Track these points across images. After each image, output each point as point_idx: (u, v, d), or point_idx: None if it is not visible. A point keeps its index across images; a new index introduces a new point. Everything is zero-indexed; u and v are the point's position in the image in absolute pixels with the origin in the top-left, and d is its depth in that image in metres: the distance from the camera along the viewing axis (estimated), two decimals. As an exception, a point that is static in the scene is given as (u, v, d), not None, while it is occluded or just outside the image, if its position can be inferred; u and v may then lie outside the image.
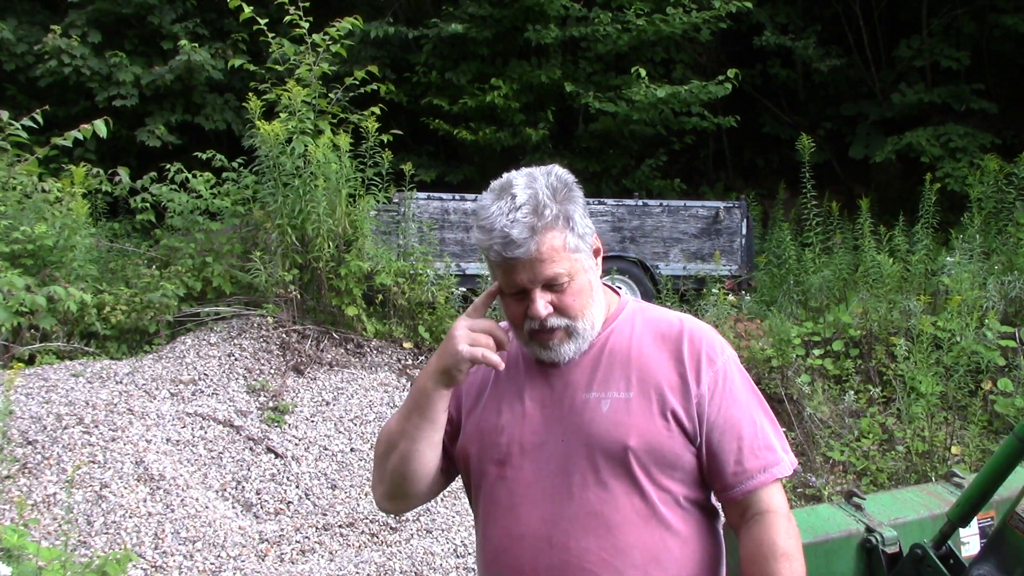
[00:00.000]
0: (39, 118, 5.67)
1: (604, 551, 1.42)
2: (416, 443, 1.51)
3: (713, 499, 1.55)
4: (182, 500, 4.03)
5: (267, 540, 4.01)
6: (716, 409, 1.47)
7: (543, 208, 1.42)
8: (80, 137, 5.72)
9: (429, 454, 1.54)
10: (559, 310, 1.47)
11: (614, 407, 1.47)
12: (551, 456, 1.48)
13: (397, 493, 1.58)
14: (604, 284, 1.63)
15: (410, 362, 5.84)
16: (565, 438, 1.48)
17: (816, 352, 5.67)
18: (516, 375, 1.57)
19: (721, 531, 1.57)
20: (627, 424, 1.45)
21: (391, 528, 4.25)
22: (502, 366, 1.47)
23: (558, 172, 1.49)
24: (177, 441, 4.51)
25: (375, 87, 6.80)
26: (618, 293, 1.64)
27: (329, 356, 5.70)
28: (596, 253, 1.54)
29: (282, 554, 3.95)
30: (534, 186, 1.45)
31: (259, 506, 4.26)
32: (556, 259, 1.44)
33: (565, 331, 1.49)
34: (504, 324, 1.62)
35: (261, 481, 4.42)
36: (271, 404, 5.08)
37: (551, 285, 1.45)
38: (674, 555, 1.45)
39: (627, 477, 1.44)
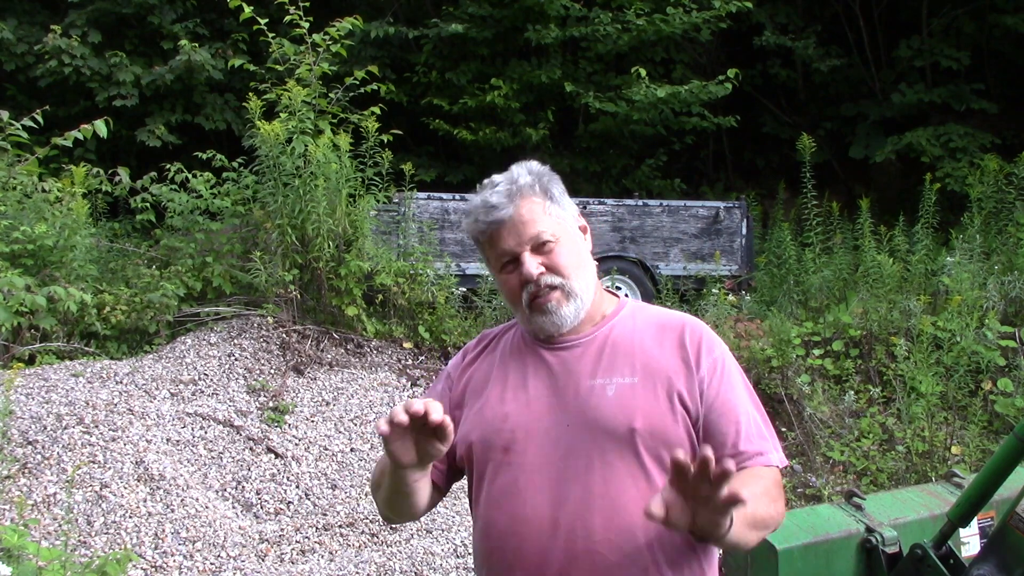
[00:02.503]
0: (39, 118, 5.67)
1: (610, 532, 1.43)
2: (399, 499, 1.54)
3: None
4: (182, 500, 4.03)
5: (267, 540, 4.01)
6: (715, 392, 1.50)
7: (519, 178, 1.56)
8: (80, 137, 5.72)
9: (416, 501, 1.55)
10: (550, 269, 1.54)
11: (619, 391, 1.49)
12: (556, 441, 1.49)
13: (392, 516, 1.64)
14: (604, 289, 1.70)
15: (410, 362, 5.84)
16: (570, 423, 1.50)
17: (816, 352, 5.67)
18: (521, 366, 1.60)
19: None
20: (632, 407, 1.47)
21: (391, 528, 4.25)
22: (393, 423, 1.32)
23: (535, 162, 1.62)
24: (177, 441, 4.51)
25: (375, 87, 6.80)
26: (616, 295, 1.70)
27: (329, 356, 5.70)
28: (583, 231, 1.64)
29: (282, 554, 3.95)
30: (511, 170, 1.60)
31: (259, 506, 4.26)
32: (537, 219, 1.54)
33: (562, 291, 1.54)
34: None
35: (261, 481, 4.42)
36: (271, 404, 5.08)
37: (539, 248, 1.54)
38: (675, 537, 1.45)
39: (633, 459, 1.46)
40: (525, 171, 1.58)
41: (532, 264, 1.53)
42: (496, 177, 1.59)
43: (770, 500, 1.42)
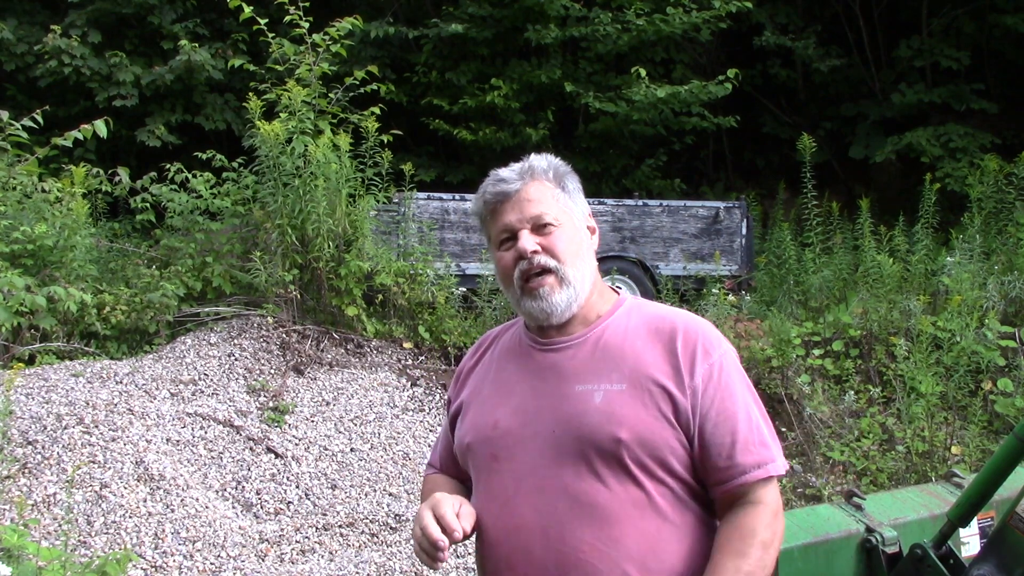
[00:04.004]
0: (39, 118, 5.67)
1: (600, 542, 1.41)
2: None
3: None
4: (182, 500, 4.03)
5: (267, 540, 4.01)
6: (710, 401, 1.45)
7: (535, 162, 1.57)
8: (80, 137, 5.72)
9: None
10: (546, 250, 1.52)
11: (607, 398, 1.46)
12: (544, 448, 1.47)
13: None
14: (608, 287, 1.67)
15: (410, 362, 5.84)
16: (556, 429, 1.47)
17: (816, 352, 5.67)
18: (513, 369, 1.59)
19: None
20: (619, 416, 1.44)
21: (391, 528, 4.25)
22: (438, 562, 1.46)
23: (560, 159, 1.62)
24: (177, 441, 4.51)
25: (375, 87, 6.80)
26: (617, 292, 1.66)
27: (329, 356, 5.70)
28: (591, 231, 1.62)
29: (282, 554, 3.95)
30: (531, 155, 1.61)
31: (259, 506, 4.26)
32: (543, 200, 1.54)
33: (556, 277, 1.51)
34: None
35: (261, 481, 4.42)
36: (271, 404, 5.08)
37: (539, 228, 1.53)
38: (671, 546, 1.43)
39: (620, 468, 1.43)
40: (543, 158, 1.59)
41: (529, 241, 1.51)
42: (515, 163, 1.60)
43: (768, 533, 1.41)
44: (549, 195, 1.54)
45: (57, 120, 8.47)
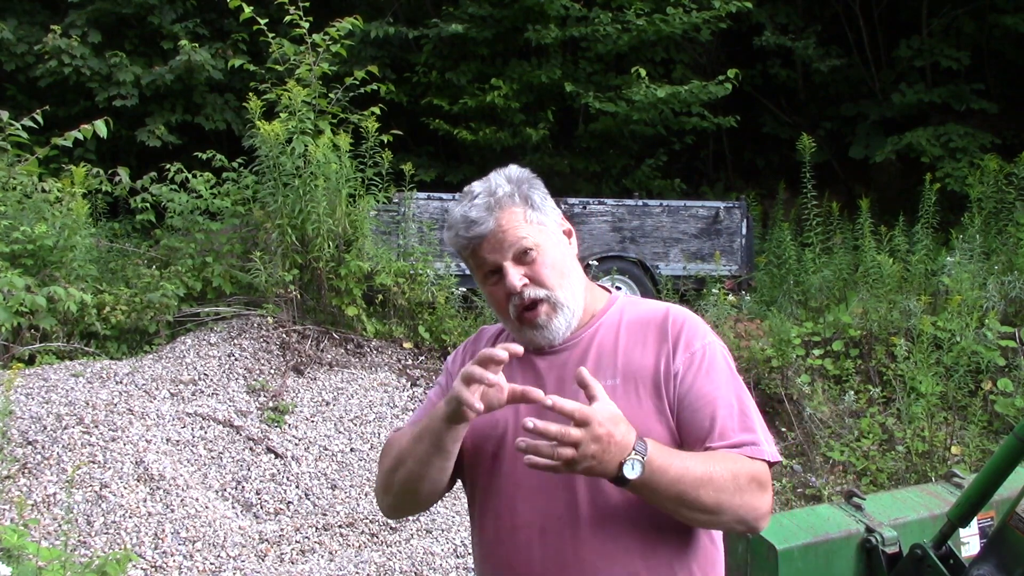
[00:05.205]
0: (39, 118, 5.67)
1: (598, 540, 1.42)
2: (427, 468, 1.50)
3: None
4: (182, 500, 4.03)
5: (267, 540, 4.01)
6: (687, 386, 1.45)
7: (497, 189, 1.53)
8: (80, 137, 5.72)
9: (438, 477, 1.52)
10: (534, 281, 1.51)
11: None
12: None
13: (402, 506, 1.60)
14: (598, 285, 1.68)
15: (410, 362, 5.84)
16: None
17: (816, 352, 5.67)
18: (512, 370, 1.58)
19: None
20: None
21: (391, 528, 4.25)
22: (479, 406, 1.38)
23: (515, 168, 1.58)
24: (177, 441, 4.51)
25: (375, 87, 6.80)
26: (609, 291, 1.67)
27: (329, 356, 5.70)
28: (568, 235, 1.60)
29: (282, 554, 3.95)
30: (489, 179, 1.55)
31: (259, 506, 4.26)
32: (518, 227, 1.51)
33: (549, 304, 1.51)
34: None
35: (261, 481, 4.42)
36: (271, 404, 5.08)
37: (521, 258, 1.51)
38: (670, 544, 1.44)
39: None
40: (504, 179, 1.54)
41: (515, 276, 1.50)
42: (475, 186, 1.56)
43: (733, 488, 1.34)
44: (521, 219, 1.52)
45: (57, 120, 8.47)
